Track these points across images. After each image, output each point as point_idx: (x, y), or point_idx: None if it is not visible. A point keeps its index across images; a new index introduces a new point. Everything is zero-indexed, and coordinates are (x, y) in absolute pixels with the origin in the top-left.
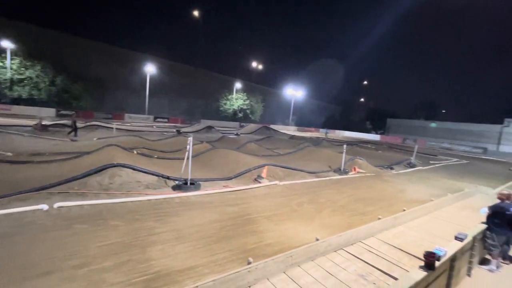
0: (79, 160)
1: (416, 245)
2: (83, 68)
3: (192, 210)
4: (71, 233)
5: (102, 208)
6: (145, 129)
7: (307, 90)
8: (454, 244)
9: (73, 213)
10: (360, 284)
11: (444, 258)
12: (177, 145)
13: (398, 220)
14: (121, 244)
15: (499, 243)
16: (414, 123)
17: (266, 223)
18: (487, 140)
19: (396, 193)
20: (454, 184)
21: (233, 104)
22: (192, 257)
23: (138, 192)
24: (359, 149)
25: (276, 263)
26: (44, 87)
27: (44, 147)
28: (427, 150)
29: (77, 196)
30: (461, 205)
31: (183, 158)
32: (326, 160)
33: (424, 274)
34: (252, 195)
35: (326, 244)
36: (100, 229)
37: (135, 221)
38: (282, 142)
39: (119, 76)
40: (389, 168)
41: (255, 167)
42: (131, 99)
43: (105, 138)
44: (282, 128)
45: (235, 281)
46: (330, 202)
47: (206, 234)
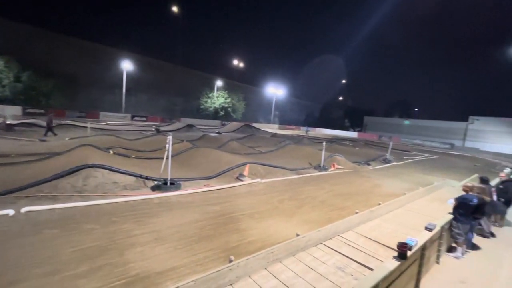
0: (49, 162)
1: (391, 237)
2: (52, 64)
3: (172, 211)
4: (41, 239)
5: (75, 212)
6: (122, 128)
7: (288, 88)
8: (424, 234)
9: (43, 218)
10: (338, 276)
11: (416, 248)
12: (156, 145)
13: (374, 214)
14: (97, 248)
15: (463, 232)
16: (389, 120)
17: (248, 221)
18: (454, 136)
19: (373, 188)
20: (425, 178)
21: (214, 102)
22: (172, 258)
23: (115, 194)
24: (338, 146)
25: (258, 260)
26: (9, 84)
27: (10, 147)
28: (401, 146)
29: (47, 200)
30: (431, 198)
31: (162, 157)
32: (306, 157)
33: (398, 263)
34: (234, 193)
35: (306, 239)
36: (74, 233)
37: (112, 224)
38: (264, 140)
39: (93, 72)
40: (366, 164)
41: (237, 165)
42: (106, 97)
43: (79, 138)
44: (265, 126)
45: (216, 280)
46: (310, 198)
47: (187, 234)
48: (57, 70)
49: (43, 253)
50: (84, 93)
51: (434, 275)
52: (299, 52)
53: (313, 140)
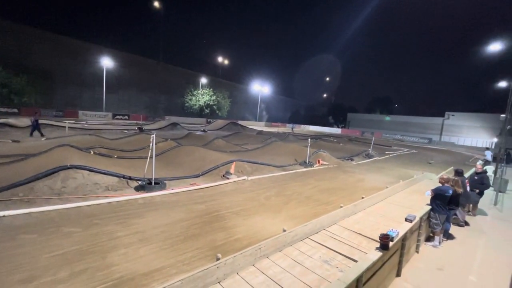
0: (24, 163)
1: (374, 229)
2: (25, 60)
3: (157, 211)
4: (17, 244)
5: (54, 215)
6: (103, 127)
7: (274, 86)
8: (404, 225)
9: (18, 222)
10: (324, 269)
11: (397, 239)
12: (140, 144)
13: (357, 207)
14: (77, 252)
15: (440, 222)
16: (371, 117)
17: (235, 218)
18: (432, 131)
19: (356, 182)
20: (405, 172)
21: (199, 100)
22: (157, 258)
23: (96, 195)
24: (322, 143)
25: (245, 257)
26: None
27: None
28: (383, 142)
29: (23, 204)
30: (410, 190)
31: (146, 157)
32: (292, 154)
33: (380, 254)
34: (220, 191)
35: (292, 234)
36: (52, 237)
37: (94, 226)
38: (250, 137)
39: (70, 69)
40: (349, 159)
41: (223, 163)
42: (85, 95)
43: (56, 138)
44: (251, 123)
45: (203, 279)
46: (296, 194)
47: (172, 234)
48: (30, 66)
49: (19, 259)
50: (61, 90)
51: (414, 264)
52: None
53: (298, 136)
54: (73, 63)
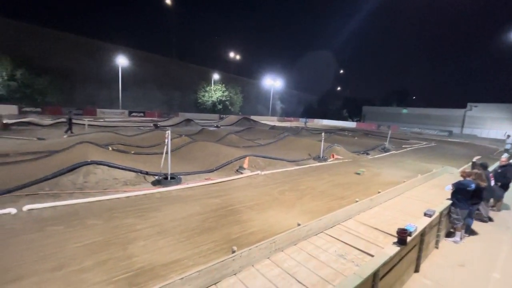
0: (48, 160)
1: (391, 224)
2: (46, 61)
3: (173, 204)
4: (45, 235)
5: (77, 208)
6: (120, 124)
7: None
8: (423, 220)
9: (45, 215)
10: (340, 264)
11: (415, 234)
12: (155, 140)
13: (373, 202)
14: (101, 243)
15: (462, 217)
16: (387, 110)
17: (249, 212)
18: (452, 123)
19: (372, 176)
20: (424, 166)
21: (211, 96)
22: (175, 250)
23: (115, 190)
24: (336, 137)
25: (260, 250)
26: (2, 83)
27: (8, 147)
28: (400, 135)
29: (49, 197)
30: (430, 185)
31: (161, 152)
32: (305, 148)
33: (397, 249)
34: (234, 186)
35: (307, 228)
36: (77, 229)
37: (114, 219)
38: (262, 132)
39: (88, 68)
40: (365, 153)
41: (236, 158)
42: (102, 93)
43: (77, 135)
44: (263, 118)
45: (220, 270)
46: (310, 189)
47: (189, 227)
48: (52, 67)
49: (47, 249)
50: (80, 89)
51: (433, 260)
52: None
53: (311, 131)
54: (91, 62)
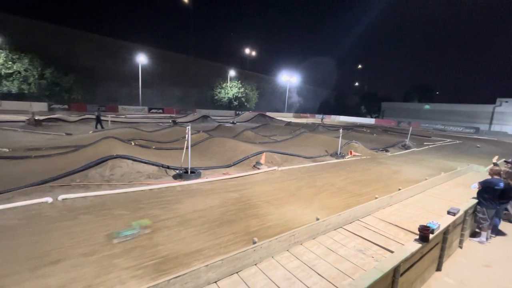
0: (77, 154)
1: (411, 221)
2: (72, 60)
3: (194, 197)
4: (78, 223)
5: (105, 199)
6: (140, 120)
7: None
8: (446, 218)
9: (77, 205)
10: (359, 258)
11: (438, 231)
12: (174, 136)
13: (393, 199)
14: None
15: (488, 217)
16: (408, 106)
17: (267, 207)
18: (479, 120)
19: (391, 174)
20: (447, 164)
21: (227, 93)
22: (197, 241)
23: (140, 183)
24: (354, 133)
25: (280, 242)
26: (34, 81)
27: (40, 141)
28: (421, 132)
29: (79, 188)
30: (454, 183)
31: (180, 148)
32: (322, 145)
33: (419, 246)
34: (251, 181)
35: (326, 223)
36: (106, 218)
37: (139, 210)
38: (278, 129)
39: (110, 66)
40: (384, 150)
41: (254, 154)
42: (123, 90)
43: (101, 131)
44: (279, 115)
45: (241, 260)
46: (327, 185)
47: (209, 219)
48: (77, 66)
49: (80, 236)
50: (102, 87)
51: (457, 259)
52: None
53: (328, 127)
54: (112, 61)
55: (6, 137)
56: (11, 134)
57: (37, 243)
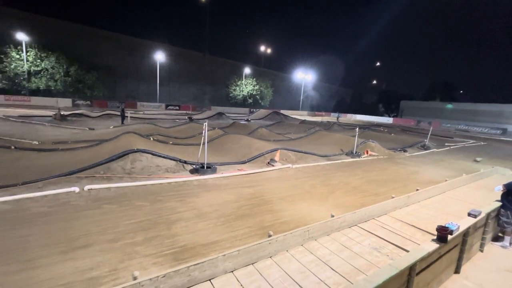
0: (100, 147)
1: (429, 222)
2: (94, 58)
3: (210, 192)
4: (102, 212)
5: (127, 190)
6: (158, 117)
7: (318, 73)
8: (467, 220)
9: (101, 195)
10: (374, 256)
11: (457, 233)
12: (190, 132)
13: (411, 199)
14: (148, 221)
15: None
16: (428, 104)
17: (281, 203)
18: (507, 120)
19: (409, 174)
20: (469, 166)
21: (242, 90)
22: (213, 233)
23: (158, 176)
24: (371, 133)
25: (294, 237)
26: (60, 78)
27: (66, 135)
28: (443, 132)
29: (103, 180)
30: (476, 185)
31: (197, 144)
32: (337, 143)
33: (436, 246)
34: (266, 177)
35: (341, 220)
36: (128, 208)
37: (158, 202)
38: (293, 127)
39: (129, 64)
40: (402, 150)
41: (268, 151)
42: (141, 87)
43: (121, 126)
44: (294, 113)
45: (257, 252)
46: (342, 184)
47: (225, 213)
48: (98, 64)
49: (105, 224)
50: (121, 84)
51: (477, 263)
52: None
53: (344, 126)
54: (131, 59)
55: (35, 131)
56: (39, 128)
57: (66, 229)
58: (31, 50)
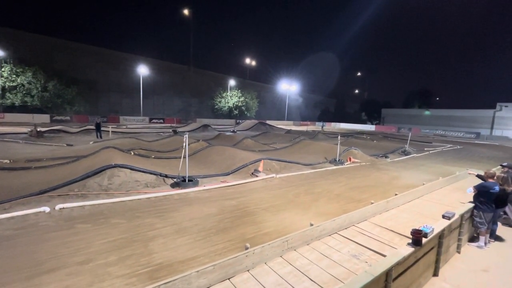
0: (77, 164)
1: (407, 226)
2: (74, 72)
3: (191, 206)
4: (74, 232)
5: (103, 208)
6: (141, 130)
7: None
8: (441, 222)
9: (75, 214)
10: (352, 263)
11: (431, 235)
12: (174, 145)
13: (390, 204)
14: (124, 240)
15: (486, 221)
16: (408, 112)
17: (264, 214)
18: (480, 125)
19: (391, 180)
20: (447, 169)
21: (228, 102)
22: (192, 248)
23: (137, 191)
24: (354, 140)
25: (273, 248)
26: (37, 93)
27: (41, 153)
28: (422, 138)
29: (78, 198)
30: (452, 188)
31: (180, 157)
32: (322, 152)
33: (411, 250)
34: (249, 188)
35: (320, 228)
36: (102, 227)
37: (136, 218)
38: (278, 136)
39: (111, 78)
40: (383, 156)
41: (252, 161)
42: (124, 101)
43: (101, 141)
44: (279, 123)
45: (233, 266)
46: (326, 192)
47: (205, 227)
48: (79, 78)
49: (77, 245)
50: (104, 98)
51: (455, 264)
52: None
53: (328, 135)
54: (113, 73)
55: (8, 149)
56: (12, 146)
57: (33, 252)
58: (6, 66)
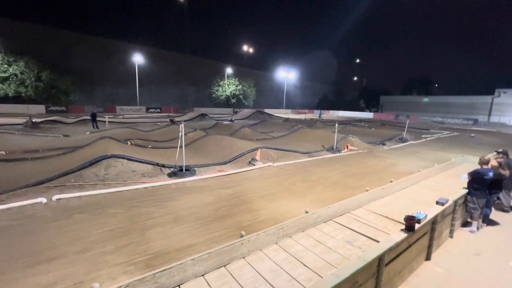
0: (73, 154)
1: (402, 213)
2: (68, 62)
3: (188, 195)
4: (72, 222)
5: (100, 198)
6: (138, 120)
7: (300, 72)
8: (434, 208)
9: (72, 204)
10: (346, 249)
11: (425, 221)
12: (171, 134)
13: (385, 191)
14: (121, 229)
15: (479, 206)
16: (406, 99)
17: (260, 202)
18: (478, 111)
19: (387, 167)
20: (443, 156)
21: (225, 90)
22: (189, 236)
23: (134, 181)
24: (352, 128)
25: (268, 235)
26: (30, 84)
27: (37, 144)
28: (419, 125)
29: (75, 188)
30: (447, 174)
31: (177, 146)
32: (319, 140)
33: (404, 235)
34: (246, 177)
35: (315, 215)
36: (100, 217)
37: (133, 208)
38: (276, 125)
39: (107, 67)
40: (381, 144)
41: (249, 150)
42: (121, 91)
43: (98, 132)
44: (277, 111)
45: (229, 253)
46: (322, 179)
47: (202, 215)
48: (74, 68)
49: (75, 234)
50: (99, 88)
51: (447, 249)
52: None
53: (326, 123)
54: (109, 62)
55: (4, 140)
56: (8, 137)
57: (31, 242)
58: None
